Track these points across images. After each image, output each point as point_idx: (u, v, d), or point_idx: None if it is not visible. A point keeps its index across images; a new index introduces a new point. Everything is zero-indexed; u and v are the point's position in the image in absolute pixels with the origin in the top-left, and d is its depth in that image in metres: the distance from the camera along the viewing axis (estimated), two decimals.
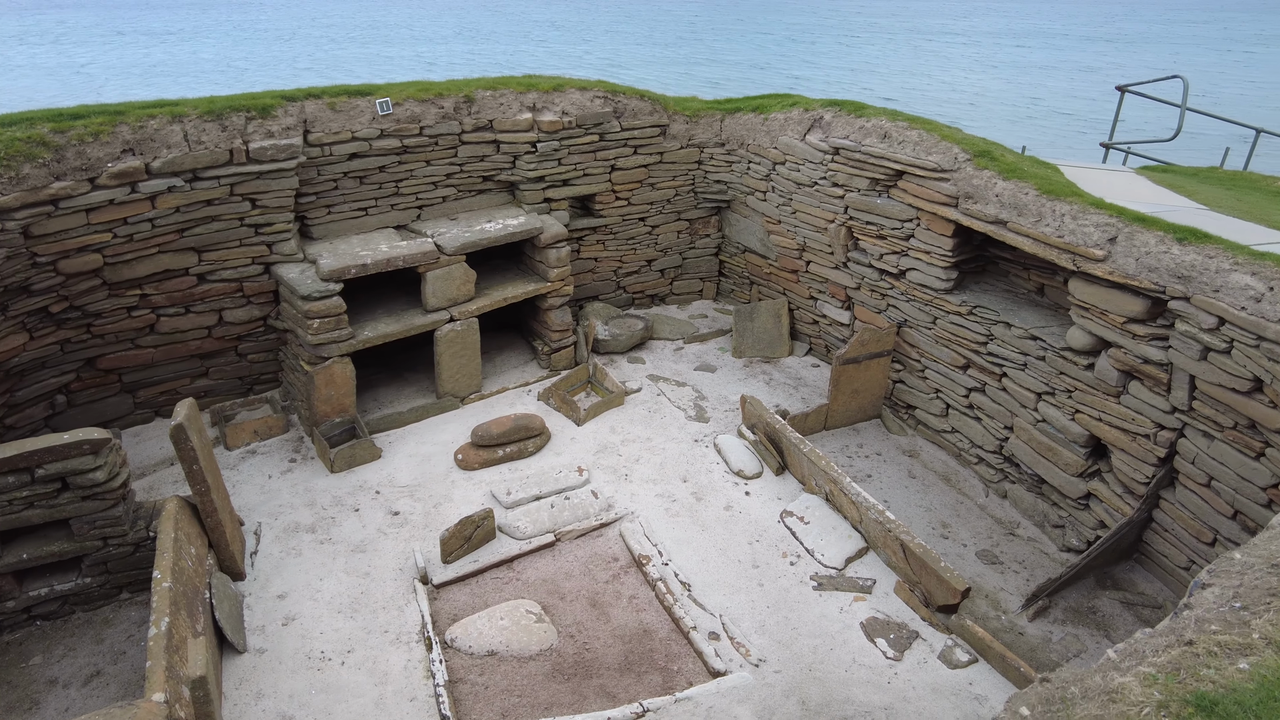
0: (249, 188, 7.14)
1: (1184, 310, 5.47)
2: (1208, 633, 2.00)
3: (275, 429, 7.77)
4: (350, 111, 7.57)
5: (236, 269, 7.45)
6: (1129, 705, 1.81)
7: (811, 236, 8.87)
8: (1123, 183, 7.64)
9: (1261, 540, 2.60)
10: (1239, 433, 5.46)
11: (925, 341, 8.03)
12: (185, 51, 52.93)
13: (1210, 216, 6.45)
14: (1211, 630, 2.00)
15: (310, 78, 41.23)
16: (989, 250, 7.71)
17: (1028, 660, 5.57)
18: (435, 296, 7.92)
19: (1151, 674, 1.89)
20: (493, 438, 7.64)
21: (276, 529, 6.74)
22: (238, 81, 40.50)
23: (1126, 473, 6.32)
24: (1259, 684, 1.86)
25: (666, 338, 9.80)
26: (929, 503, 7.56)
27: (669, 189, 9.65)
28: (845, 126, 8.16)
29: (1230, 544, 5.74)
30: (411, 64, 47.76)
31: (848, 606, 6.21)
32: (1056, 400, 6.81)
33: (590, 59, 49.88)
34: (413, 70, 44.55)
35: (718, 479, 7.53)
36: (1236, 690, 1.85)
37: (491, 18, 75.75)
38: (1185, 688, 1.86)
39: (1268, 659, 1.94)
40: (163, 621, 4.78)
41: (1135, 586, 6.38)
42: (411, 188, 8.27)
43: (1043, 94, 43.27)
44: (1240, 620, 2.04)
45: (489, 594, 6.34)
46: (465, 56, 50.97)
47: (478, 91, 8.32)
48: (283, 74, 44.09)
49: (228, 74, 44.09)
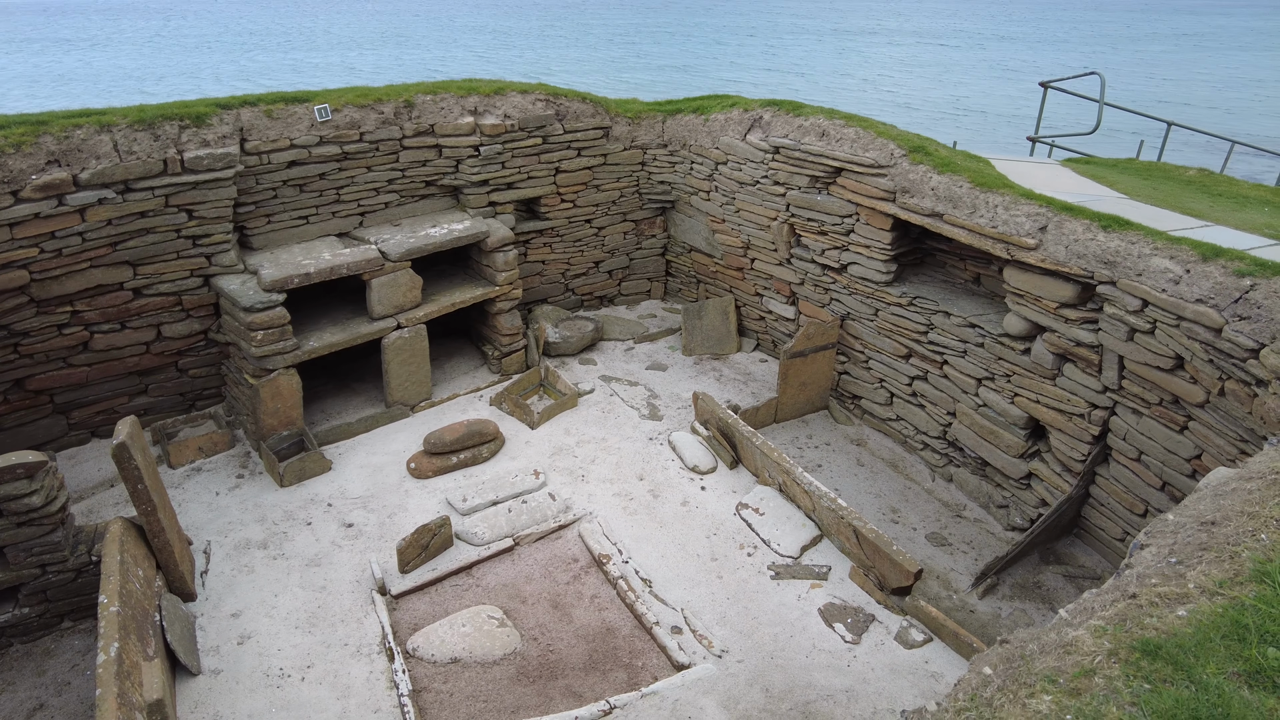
0: (185, 198, 6.95)
1: (1111, 294, 5.76)
2: (1149, 586, 2.17)
3: (220, 445, 7.57)
4: (288, 119, 7.42)
5: (174, 282, 7.24)
6: (1083, 655, 1.95)
7: (755, 234, 9.04)
8: (1049, 175, 7.98)
9: (1190, 501, 2.80)
10: (1164, 408, 5.77)
11: (868, 333, 8.25)
12: (103, 59, 50.86)
13: (1130, 205, 6.79)
14: (1152, 584, 2.17)
15: (234, 85, 39.96)
16: (926, 243, 7.96)
17: (980, 636, 5.77)
18: (381, 304, 7.83)
19: (1101, 626, 2.05)
20: (446, 445, 7.57)
21: (227, 546, 6.57)
22: (157, 90, 39.16)
23: (1064, 451, 6.61)
24: (1196, 628, 2.05)
25: (617, 338, 9.85)
26: (878, 489, 7.78)
27: (614, 190, 9.71)
28: (784, 126, 8.33)
29: (1160, 513, 6.05)
30: (338, 71, 46.75)
31: (805, 594, 6.34)
32: (996, 385, 7.08)
33: (519, 63, 49.48)
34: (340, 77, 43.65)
35: (673, 475, 7.61)
36: (1176, 635, 2.03)
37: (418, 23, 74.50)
38: (1131, 635, 2.02)
39: (1202, 605, 2.12)
40: (111, 647, 4.63)
41: (1076, 560, 6.68)
42: (353, 194, 8.16)
43: (965, 91, 44.73)
44: (1176, 573, 2.22)
45: (449, 602, 6.29)
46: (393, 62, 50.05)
47: (418, 96, 8.24)
48: (203, 81, 42.72)
49: (144, 82, 42.55)
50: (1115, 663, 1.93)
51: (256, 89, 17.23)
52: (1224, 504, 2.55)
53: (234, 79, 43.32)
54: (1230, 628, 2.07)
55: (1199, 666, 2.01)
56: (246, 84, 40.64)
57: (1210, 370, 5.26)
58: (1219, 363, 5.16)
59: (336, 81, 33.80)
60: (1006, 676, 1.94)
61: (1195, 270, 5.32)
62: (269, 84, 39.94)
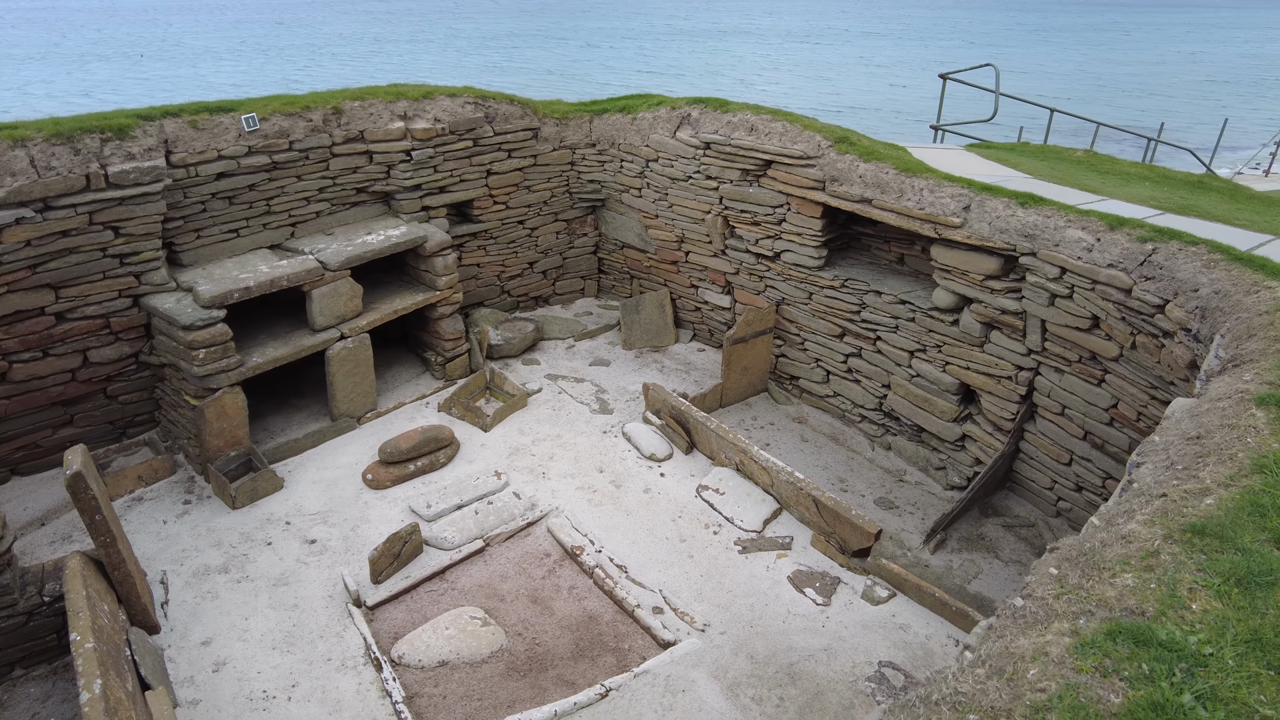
0: (110, 215, 6.62)
1: (1032, 264, 6.32)
2: (1172, 488, 2.57)
3: (161, 472, 7.24)
4: (214, 129, 7.17)
5: (101, 304, 6.88)
6: (1142, 542, 2.33)
7: (689, 228, 9.33)
8: (958, 160, 8.61)
9: (1170, 424, 3.24)
10: (1083, 365, 6.38)
11: (803, 316, 8.67)
12: None
13: (1037, 184, 7.43)
14: (1174, 485, 2.59)
15: (75, 102, 36.88)
16: (852, 228, 8.44)
17: (939, 587, 6.22)
18: (323, 315, 7.67)
19: (1149, 519, 2.44)
20: (402, 453, 7.50)
21: (185, 575, 6.32)
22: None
23: (995, 412, 7.18)
24: (1225, 511, 2.51)
25: (557, 337, 9.94)
26: (824, 462, 8.20)
27: (545, 191, 9.80)
28: (713, 122, 8.65)
29: (1083, 461, 6.69)
30: (191, 85, 43.61)
31: (773, 564, 6.66)
32: (928, 356, 7.60)
33: (385, 70, 47.79)
34: (194, 92, 40.74)
35: (632, 465, 7.79)
36: (1212, 518, 2.49)
37: (281, 33, 70.91)
38: (1177, 522, 2.44)
39: (1222, 495, 2.58)
40: (95, 684, 4.45)
41: (1011, 511, 7.27)
42: (284, 205, 7.94)
43: (840, 88, 46.74)
44: (1190, 476, 2.64)
45: (426, 607, 6.27)
46: (255, 73, 47.24)
47: (345, 103, 8.11)
48: (36, 99, 39.33)
49: None
50: (1172, 543, 2.34)
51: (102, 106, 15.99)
52: (1204, 421, 3.01)
53: (72, 95, 39.98)
54: (1251, 508, 2.59)
55: (1239, 537, 2.47)
56: (86, 100, 37.74)
57: (1123, 327, 5.87)
58: (1130, 319, 5.77)
59: (190, 96, 31.81)
60: (1083, 568, 2.28)
61: (1105, 239, 5.92)
62: (117, 100, 37.11)
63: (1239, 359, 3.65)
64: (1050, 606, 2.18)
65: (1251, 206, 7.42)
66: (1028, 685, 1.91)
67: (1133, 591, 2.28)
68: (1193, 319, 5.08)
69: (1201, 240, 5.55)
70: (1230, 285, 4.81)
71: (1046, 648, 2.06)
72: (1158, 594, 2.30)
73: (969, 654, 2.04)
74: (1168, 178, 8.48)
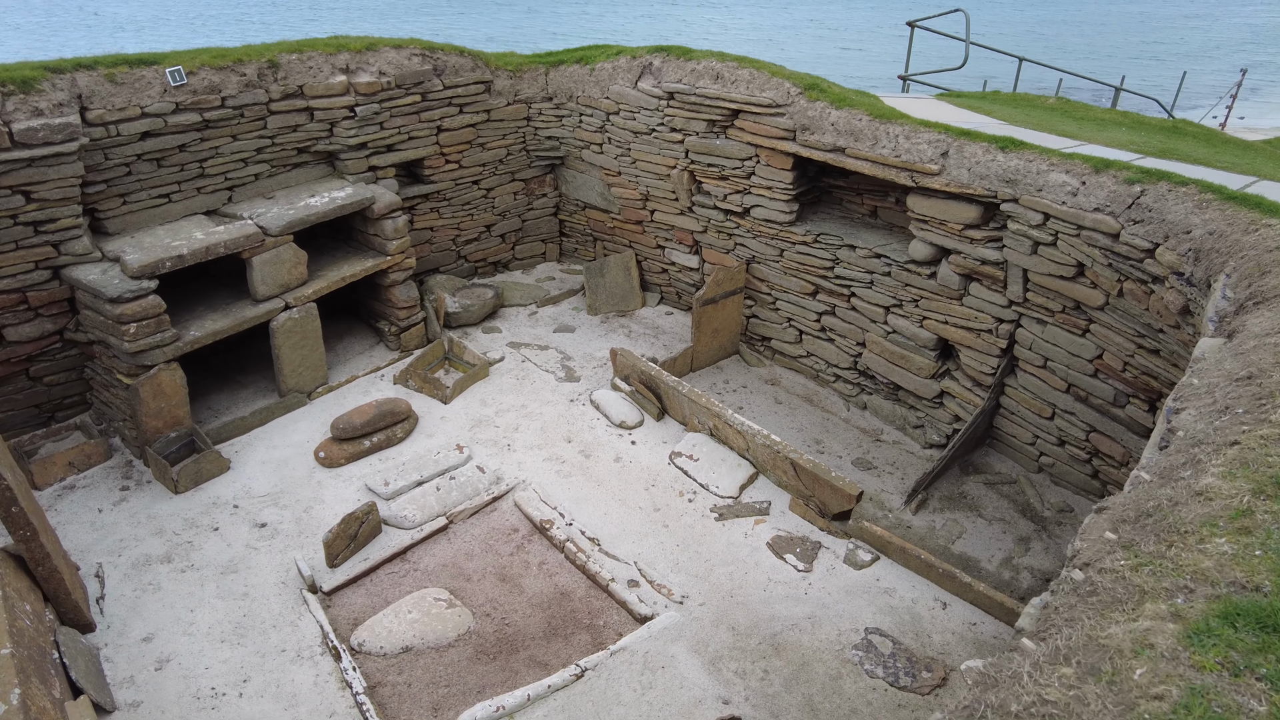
0: (19, 178, 6.02)
1: (1014, 211, 6.05)
2: (1243, 434, 2.26)
3: (95, 457, 6.73)
4: (135, 84, 6.56)
5: (16, 277, 6.29)
6: (1226, 498, 2.01)
7: (654, 184, 8.91)
8: (930, 108, 8.29)
9: (1206, 366, 2.96)
10: (1067, 315, 6.16)
11: (774, 275, 8.36)
12: None
13: (1015, 130, 7.15)
14: (1244, 430, 2.27)
15: None
16: (823, 180, 8.11)
17: (922, 548, 6.02)
18: (265, 284, 7.16)
19: (1225, 471, 2.11)
20: (356, 429, 7.08)
21: (123, 566, 5.87)
22: None
23: (974, 367, 6.96)
24: None
25: (518, 304, 9.52)
26: (798, 423, 7.94)
27: (500, 148, 9.29)
28: (676, 71, 8.21)
29: (1066, 415, 6.51)
30: None
31: (751, 530, 6.40)
32: (904, 311, 7.34)
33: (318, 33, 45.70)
34: None
35: (601, 434, 7.46)
36: None
37: (207, 1, 66.87)
38: (1264, 474, 2.10)
39: None
40: (12, 694, 4.03)
41: (992, 468, 7.09)
42: (218, 167, 7.36)
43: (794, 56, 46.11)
44: (1260, 420, 2.33)
45: (387, 590, 5.92)
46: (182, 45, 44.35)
47: (281, 55, 7.51)
48: None
49: None
50: (1264, 499, 2.01)
51: None
52: (1253, 360, 2.72)
53: None
54: None
55: None
56: None
57: (1109, 274, 5.64)
58: (1117, 265, 5.54)
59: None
60: (1155, 532, 1.96)
61: (1090, 182, 5.66)
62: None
63: (1257, 296, 3.40)
64: (1130, 581, 1.84)
65: (1230, 150, 7.25)
66: (1139, 691, 1.54)
67: (1235, 561, 1.97)
68: (1185, 262, 4.85)
69: (1191, 180, 5.31)
70: (1226, 225, 4.57)
71: (1148, 637, 1.73)
72: (1268, 563, 1.96)
73: (1030, 643, 1.70)
74: (1142, 123, 8.28)
